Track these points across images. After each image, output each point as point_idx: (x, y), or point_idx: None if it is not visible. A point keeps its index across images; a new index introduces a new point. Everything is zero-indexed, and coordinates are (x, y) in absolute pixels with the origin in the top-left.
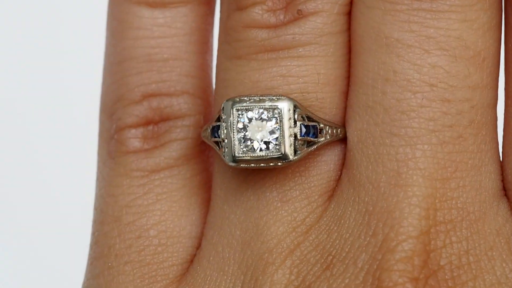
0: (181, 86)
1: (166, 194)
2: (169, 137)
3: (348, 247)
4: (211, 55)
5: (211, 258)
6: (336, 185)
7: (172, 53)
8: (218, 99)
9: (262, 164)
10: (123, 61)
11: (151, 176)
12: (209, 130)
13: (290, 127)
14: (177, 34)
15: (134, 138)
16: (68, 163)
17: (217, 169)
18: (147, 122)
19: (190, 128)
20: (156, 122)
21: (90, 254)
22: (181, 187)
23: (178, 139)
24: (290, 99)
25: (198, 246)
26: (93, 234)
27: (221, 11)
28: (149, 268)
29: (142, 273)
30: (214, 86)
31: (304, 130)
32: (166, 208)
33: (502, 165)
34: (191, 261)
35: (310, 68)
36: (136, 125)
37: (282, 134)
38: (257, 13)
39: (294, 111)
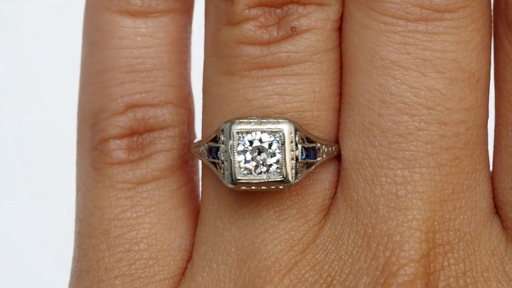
0: (165, 96)
1: (154, 206)
2: (155, 148)
3: (348, 269)
4: (190, 64)
5: (205, 274)
6: (331, 204)
7: (155, 63)
8: (211, 115)
9: (263, 187)
10: (105, 71)
11: (138, 188)
12: (203, 148)
13: (291, 150)
14: (159, 44)
15: (118, 149)
16: (47, 172)
17: (208, 184)
18: (131, 133)
19: (175, 138)
20: (141, 133)
21: (76, 267)
22: (168, 199)
23: (164, 150)
24: (291, 121)
25: (188, 259)
26: (79, 246)
27: (208, 23)
28: (141, 282)
29: (134, 287)
30: (202, 99)
31: (305, 152)
32: (156, 220)
33: (492, 184)
34: (182, 275)
35: (306, 86)
36: (120, 136)
37: (284, 157)
38: (250, 29)
39: (295, 133)
